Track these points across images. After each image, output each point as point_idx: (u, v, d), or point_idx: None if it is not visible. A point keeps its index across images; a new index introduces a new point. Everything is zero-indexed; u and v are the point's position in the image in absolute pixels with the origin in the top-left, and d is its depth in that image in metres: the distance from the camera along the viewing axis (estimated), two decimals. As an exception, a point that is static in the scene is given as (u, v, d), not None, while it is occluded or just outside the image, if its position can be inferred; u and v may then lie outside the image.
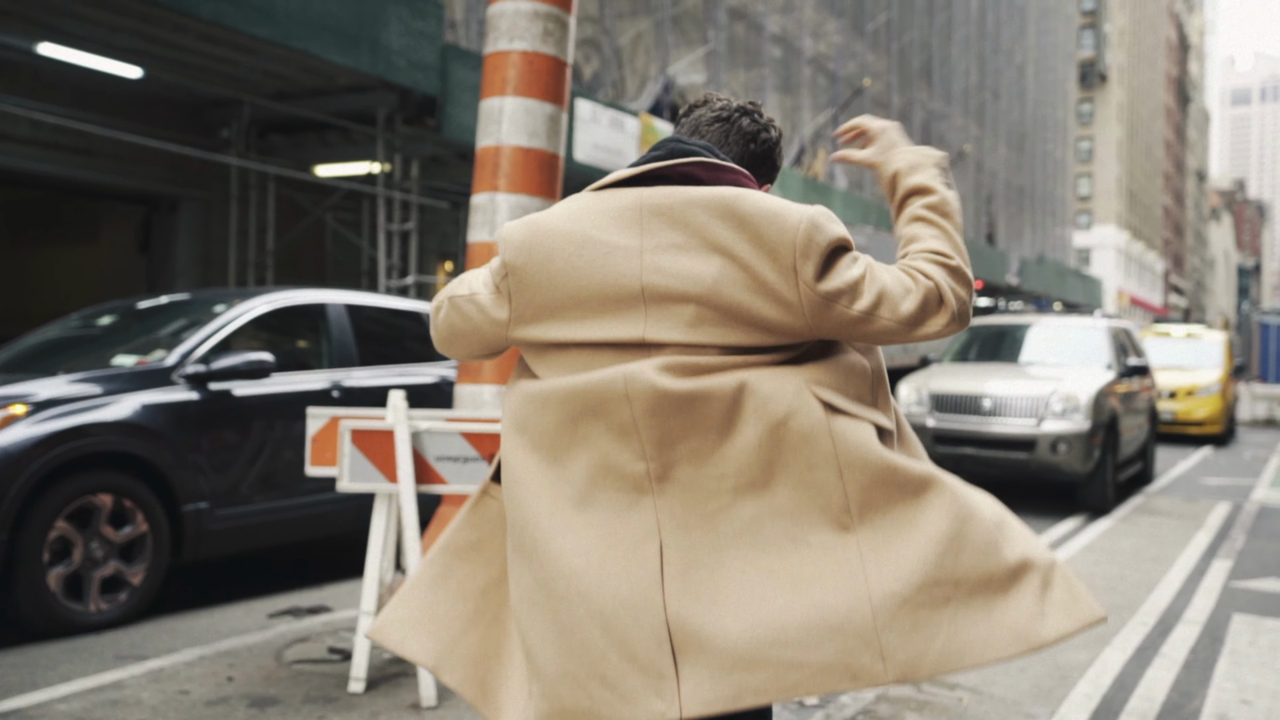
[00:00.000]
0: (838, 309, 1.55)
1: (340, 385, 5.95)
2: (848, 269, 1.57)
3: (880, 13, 31.46)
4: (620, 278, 1.58)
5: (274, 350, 5.81)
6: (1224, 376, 16.57)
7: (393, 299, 6.84)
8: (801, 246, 1.53)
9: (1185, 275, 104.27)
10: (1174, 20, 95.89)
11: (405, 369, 6.46)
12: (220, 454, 5.29)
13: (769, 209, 1.55)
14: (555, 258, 1.61)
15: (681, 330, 1.56)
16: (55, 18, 9.48)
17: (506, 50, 5.42)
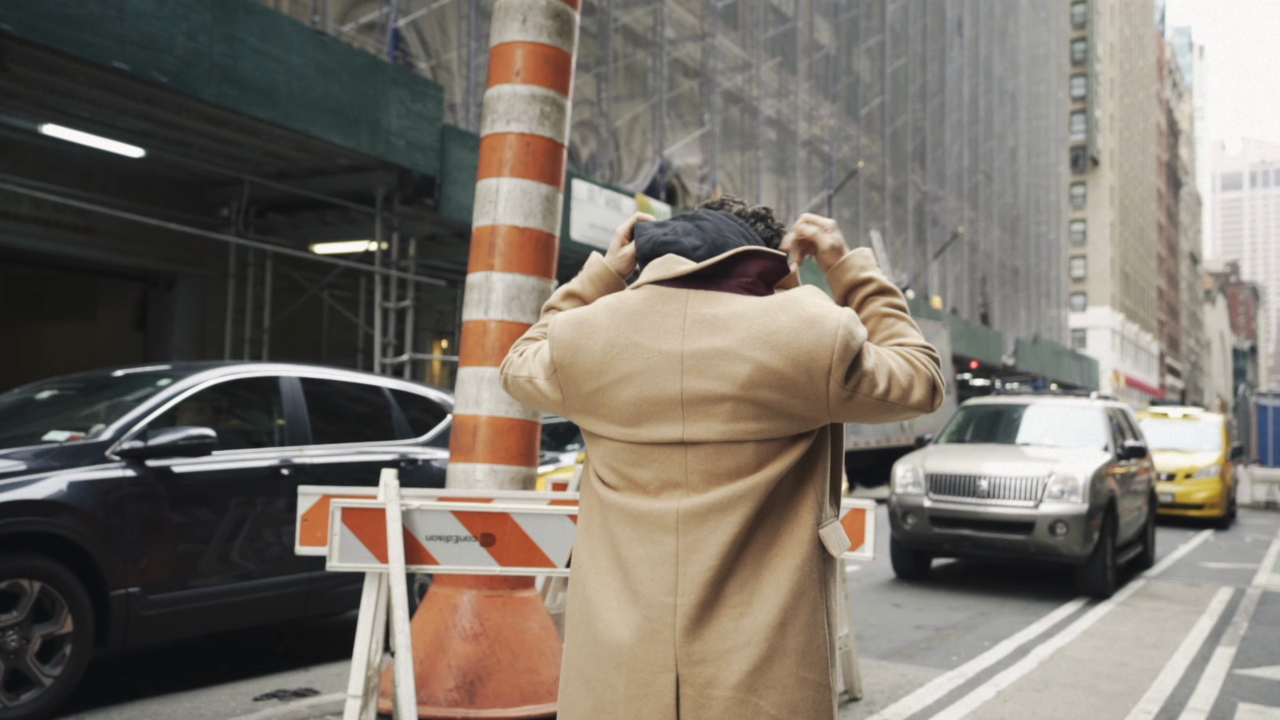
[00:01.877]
0: (859, 398, 1.71)
1: (290, 462, 5.63)
2: (867, 363, 1.72)
3: (874, 97, 32.05)
4: (661, 386, 1.72)
5: (222, 426, 5.58)
6: (1222, 459, 16.50)
7: (353, 373, 6.60)
8: (839, 354, 1.67)
9: (1181, 357, 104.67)
10: (1163, 106, 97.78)
11: (364, 446, 6.18)
12: (155, 535, 4.94)
13: (807, 317, 1.68)
14: (600, 362, 1.76)
15: (717, 426, 1.71)
16: (61, 100, 9.63)
17: (504, 132, 5.48)
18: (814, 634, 1.71)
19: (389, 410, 6.53)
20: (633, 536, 1.75)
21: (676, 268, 1.76)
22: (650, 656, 1.70)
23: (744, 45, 25.47)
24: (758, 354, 1.66)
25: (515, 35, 5.49)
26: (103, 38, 8.52)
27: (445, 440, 6.62)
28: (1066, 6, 62.34)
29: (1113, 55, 76.48)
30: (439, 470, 6.44)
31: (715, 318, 1.71)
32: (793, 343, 1.66)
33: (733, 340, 1.68)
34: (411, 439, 6.52)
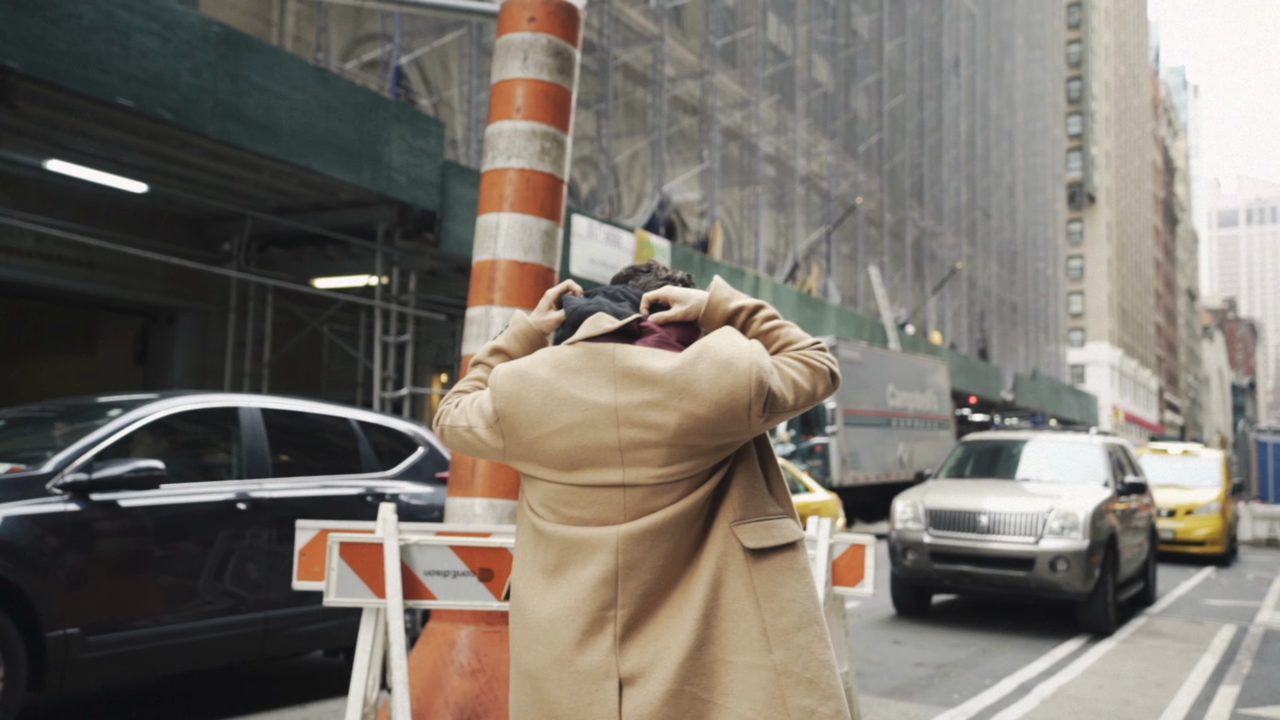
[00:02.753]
0: (774, 417, 1.93)
1: (248, 496, 5.41)
2: (775, 384, 1.93)
3: (871, 134, 32.28)
4: (599, 436, 1.89)
5: (178, 458, 5.39)
6: (1223, 495, 16.45)
7: (318, 404, 6.40)
8: (755, 391, 1.87)
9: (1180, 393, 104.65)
10: (1159, 144, 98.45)
11: (328, 479, 5.99)
12: (99, 572, 4.69)
13: (721, 361, 1.88)
14: (540, 412, 1.92)
15: (653, 471, 1.89)
16: (66, 136, 9.70)
17: (504, 168, 5.52)
18: (738, 619, 1.88)
19: (356, 442, 6.35)
20: (574, 560, 1.91)
21: (604, 324, 1.97)
22: (594, 666, 1.86)
23: (743, 83, 25.69)
24: (684, 404, 1.86)
25: (516, 73, 5.55)
26: (108, 75, 8.59)
27: (415, 473, 6.53)
28: (1062, 46, 62.95)
29: (1108, 94, 77.13)
30: (407, 505, 6.30)
31: (641, 370, 1.90)
32: (714, 388, 1.86)
33: (660, 393, 1.88)
34: (379, 472, 6.33)
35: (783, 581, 1.94)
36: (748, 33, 25.57)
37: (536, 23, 5.53)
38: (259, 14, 14.46)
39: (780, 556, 1.97)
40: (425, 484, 6.54)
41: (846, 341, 19.59)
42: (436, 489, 6.56)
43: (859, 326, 25.96)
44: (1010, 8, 47.49)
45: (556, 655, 1.89)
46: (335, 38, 15.42)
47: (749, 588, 1.90)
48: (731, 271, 20.08)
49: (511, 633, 2.01)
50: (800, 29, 27.85)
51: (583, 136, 20.01)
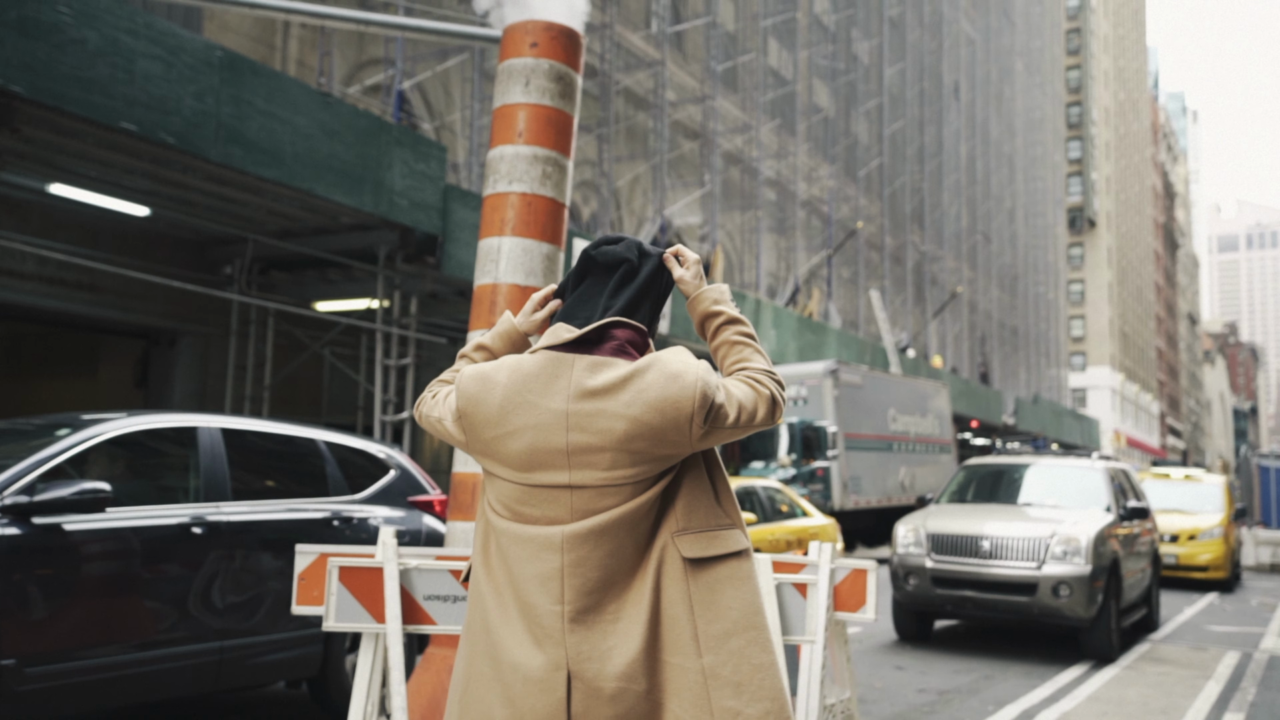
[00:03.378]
0: (714, 432, 2.04)
1: (204, 520, 5.17)
2: (719, 397, 2.04)
3: (872, 159, 32.40)
4: (550, 439, 2.02)
5: (130, 479, 5.20)
6: (1226, 520, 16.39)
7: (283, 425, 6.18)
8: (699, 403, 2.00)
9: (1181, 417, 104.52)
10: (1158, 169, 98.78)
11: (292, 503, 5.77)
12: (38, 600, 4.44)
13: (670, 373, 2.02)
14: (498, 413, 2.07)
15: (599, 474, 2.02)
16: (69, 160, 9.74)
17: (506, 192, 5.54)
18: (675, 624, 2.00)
19: (323, 464, 6.14)
20: (523, 556, 2.04)
21: (564, 335, 2.11)
22: (544, 657, 1.98)
23: (744, 107, 25.82)
24: (631, 411, 1.99)
25: (518, 98, 5.57)
26: (112, 99, 8.64)
27: (386, 497, 6.34)
28: (1061, 72, 63.28)
29: (1107, 119, 77.46)
30: (377, 528, 6.07)
31: (595, 379, 2.04)
32: (660, 398, 1.99)
33: (610, 401, 2.01)
34: (347, 495, 6.13)
35: (720, 590, 2.04)
36: (748, 58, 25.71)
37: (538, 48, 5.56)
38: (262, 39, 14.55)
39: (721, 566, 2.06)
40: (397, 508, 6.36)
41: (848, 366, 19.59)
42: (409, 513, 6.38)
43: (860, 350, 25.97)
44: (1010, 34, 47.78)
45: (511, 643, 2.02)
46: (338, 62, 15.51)
47: (684, 595, 2.02)
48: (733, 295, 20.11)
49: (469, 616, 2.13)
50: (801, 54, 28.01)
51: (584, 160, 20.09)
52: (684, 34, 24.06)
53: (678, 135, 23.47)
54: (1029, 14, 52.09)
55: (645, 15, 22.53)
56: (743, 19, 26.29)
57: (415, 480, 6.56)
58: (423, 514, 6.47)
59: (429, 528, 6.40)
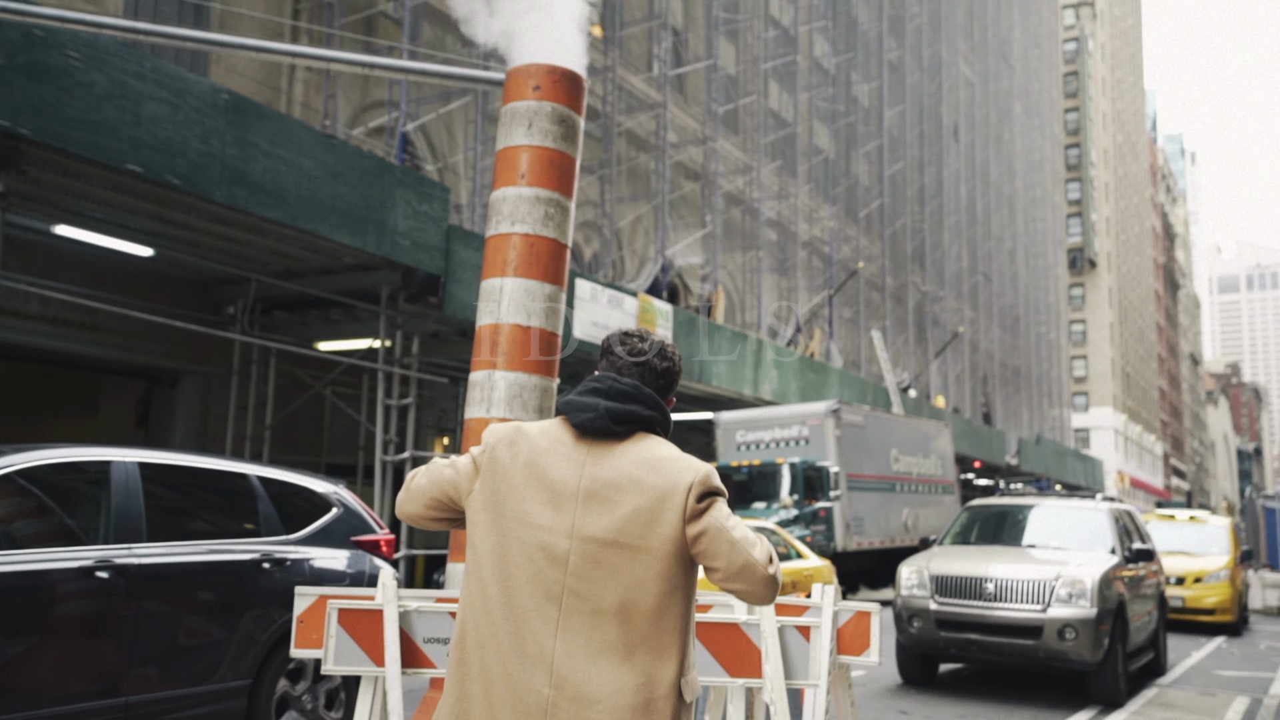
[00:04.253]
0: (705, 519, 2.23)
1: (111, 563, 4.77)
2: (723, 507, 2.26)
3: (873, 200, 32.57)
4: (557, 522, 2.22)
5: (31, 518, 4.90)
6: (1232, 562, 16.27)
7: (213, 459, 5.85)
8: (697, 493, 2.23)
9: (1185, 458, 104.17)
10: (1158, 210, 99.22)
11: (216, 544, 5.41)
12: None
13: (677, 461, 2.28)
14: (517, 475, 2.27)
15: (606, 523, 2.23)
16: (74, 201, 9.79)
17: (508, 233, 5.56)
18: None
19: (255, 502, 5.79)
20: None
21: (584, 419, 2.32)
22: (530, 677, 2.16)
23: (745, 149, 26.00)
24: (635, 499, 2.21)
25: (521, 140, 5.61)
26: (118, 142, 8.70)
27: (327, 536, 6.03)
28: (1060, 114, 63.78)
29: (1106, 161, 77.95)
30: (314, 570, 5.79)
31: (605, 478, 2.24)
32: (662, 489, 2.22)
33: (617, 491, 2.23)
34: (281, 535, 5.78)
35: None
36: (749, 100, 25.93)
37: (541, 91, 5.61)
38: (268, 82, 14.70)
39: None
40: (339, 548, 6.04)
41: (850, 406, 19.56)
42: (352, 554, 6.08)
43: (862, 390, 25.94)
44: (1008, 77, 48.21)
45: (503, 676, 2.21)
46: (343, 105, 15.65)
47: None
48: (734, 335, 20.13)
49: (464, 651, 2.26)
50: (801, 97, 28.25)
51: (586, 201, 20.20)
52: (685, 77, 24.28)
53: (679, 176, 23.62)
54: (1027, 57, 52.59)
55: (647, 58, 22.76)
56: (743, 62, 26.55)
57: (361, 519, 6.31)
58: (368, 555, 6.19)
59: (374, 569, 6.12)
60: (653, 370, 2.42)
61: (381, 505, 12.52)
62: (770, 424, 18.63)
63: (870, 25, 32.90)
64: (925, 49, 37.30)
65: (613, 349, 2.44)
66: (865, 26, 32.43)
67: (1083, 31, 74.45)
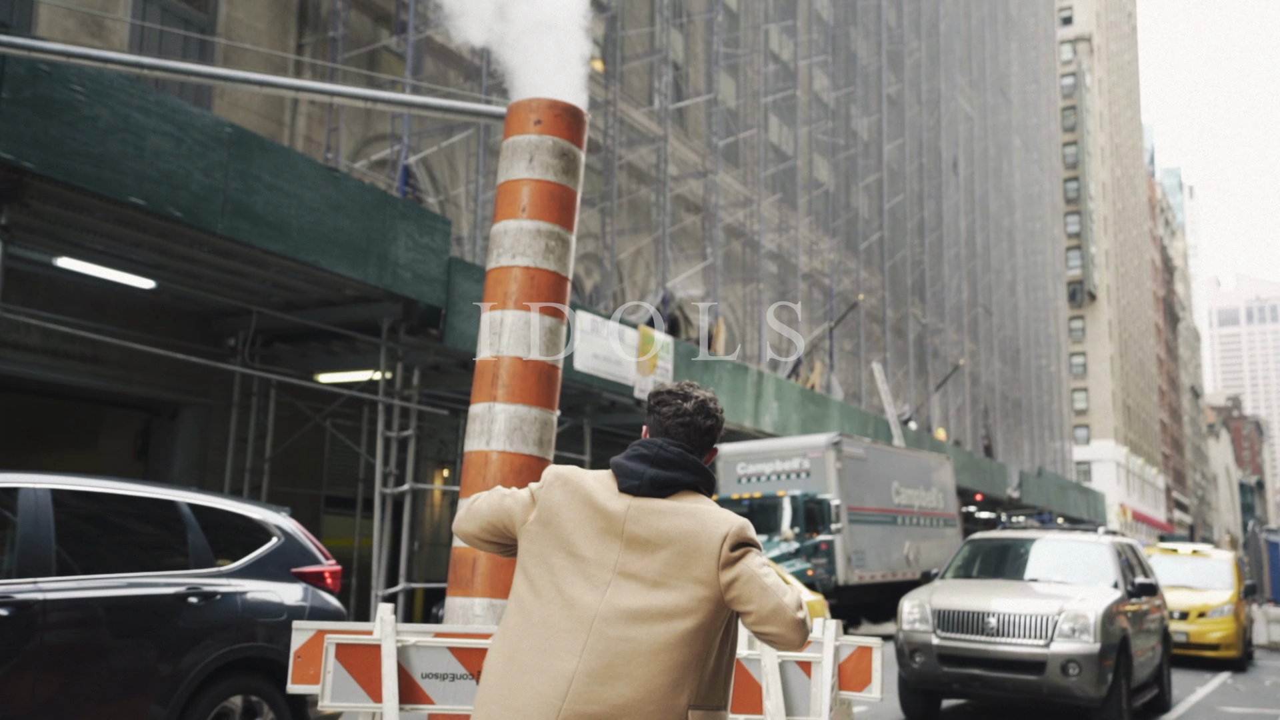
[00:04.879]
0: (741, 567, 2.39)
1: (11, 599, 4.42)
2: (756, 557, 2.43)
3: (873, 232, 32.70)
4: (603, 557, 2.43)
5: None
6: (1236, 597, 16.16)
7: (137, 485, 5.50)
8: (731, 543, 2.41)
9: (1188, 492, 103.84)
10: (1157, 243, 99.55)
11: (136, 577, 5.03)
12: None
13: (713, 516, 2.44)
14: (568, 514, 2.49)
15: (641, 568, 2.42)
16: (77, 234, 9.83)
17: (509, 266, 5.57)
18: None
19: (184, 531, 5.41)
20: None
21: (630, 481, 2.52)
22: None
23: (745, 182, 26.13)
24: (670, 550, 2.40)
25: (522, 173, 5.64)
26: (122, 175, 8.74)
27: (264, 568, 5.67)
28: (1058, 148, 64.14)
29: (1105, 194, 78.31)
30: (248, 604, 5.43)
31: (645, 529, 2.44)
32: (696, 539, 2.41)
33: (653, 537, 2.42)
34: (213, 567, 5.41)
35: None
36: (749, 134, 26.09)
37: (542, 125, 5.64)
38: (271, 115, 14.79)
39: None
40: (277, 580, 5.68)
41: (851, 438, 19.52)
42: (292, 586, 5.73)
43: (863, 423, 25.90)
44: (1006, 111, 48.53)
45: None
46: (345, 138, 15.74)
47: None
48: (735, 368, 20.13)
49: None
50: (801, 130, 28.42)
51: (587, 233, 20.27)
52: (686, 110, 24.44)
53: (680, 209, 23.72)
54: (1025, 92, 52.97)
55: (648, 92, 22.92)
56: (744, 96, 26.74)
57: (303, 549, 5.93)
58: (310, 588, 5.84)
59: (316, 603, 5.77)
60: (697, 428, 2.61)
61: (381, 538, 12.47)
62: (771, 456, 18.59)
63: (869, 60, 33.17)
64: (924, 83, 37.58)
65: (657, 409, 2.62)
66: (864, 61, 32.69)
67: (1080, 67, 75.03)
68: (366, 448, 13.94)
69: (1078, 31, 77.10)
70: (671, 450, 2.53)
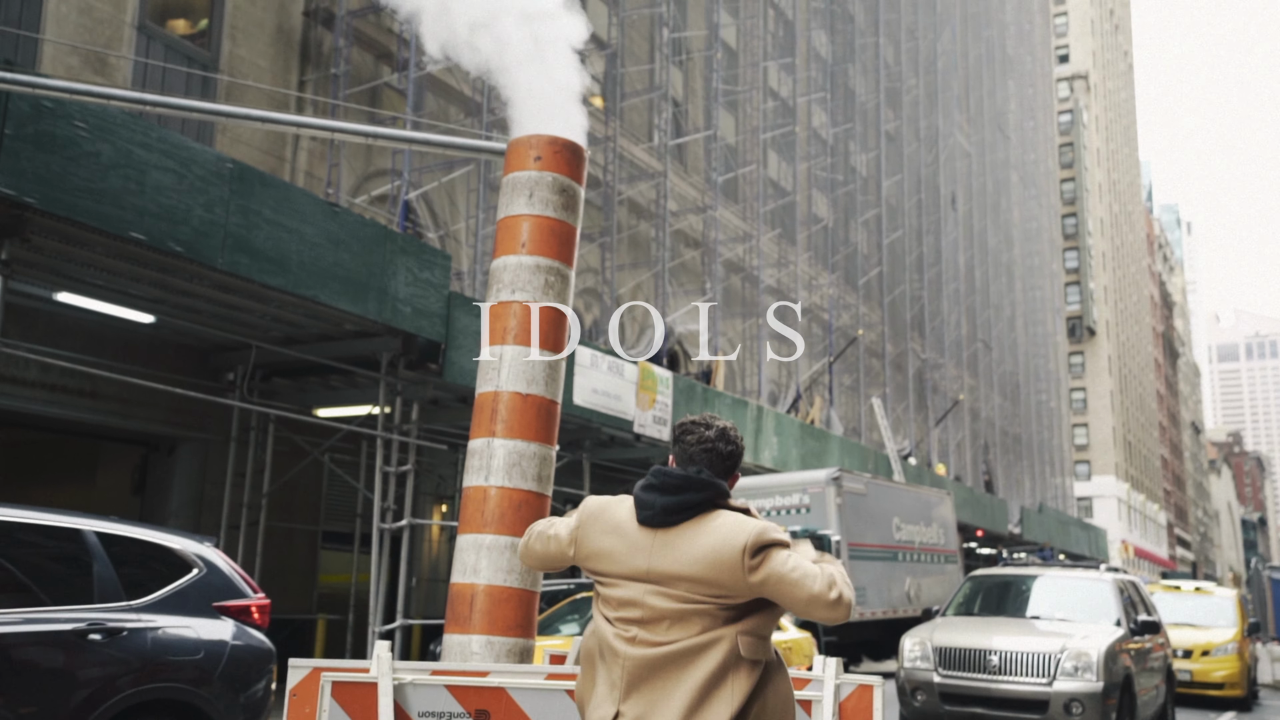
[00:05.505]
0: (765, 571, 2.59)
1: None
2: (779, 555, 2.61)
3: (872, 268, 32.80)
4: (635, 568, 2.70)
5: None
6: (1239, 635, 16.04)
7: (37, 512, 5.12)
8: (751, 550, 2.61)
9: (1190, 528, 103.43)
10: (1155, 279, 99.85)
11: (30, 612, 4.71)
12: None
13: (730, 528, 2.65)
14: (607, 537, 2.76)
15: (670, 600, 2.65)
16: (77, 268, 9.84)
17: (509, 301, 5.58)
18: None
19: (90, 562, 5.03)
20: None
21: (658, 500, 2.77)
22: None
23: (744, 217, 26.24)
24: (699, 556, 2.62)
25: (522, 209, 5.66)
26: (123, 210, 8.77)
27: (182, 602, 5.29)
28: (1056, 184, 64.49)
29: (1103, 230, 78.67)
30: (160, 641, 5.08)
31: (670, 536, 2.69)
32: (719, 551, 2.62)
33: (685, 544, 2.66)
34: (122, 601, 5.02)
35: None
36: (749, 169, 26.24)
37: (542, 161, 5.67)
38: (273, 151, 14.87)
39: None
40: (197, 615, 5.29)
41: (851, 473, 19.46)
42: (213, 622, 5.35)
43: (863, 458, 25.84)
44: (1004, 148, 48.84)
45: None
46: (346, 173, 15.82)
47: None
48: (734, 402, 20.10)
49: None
50: (800, 166, 28.59)
51: (587, 268, 20.32)
52: (685, 146, 24.59)
53: (679, 244, 23.80)
54: (1022, 129, 53.34)
55: (647, 128, 23.07)
56: (743, 132, 26.91)
57: (228, 582, 5.56)
58: (235, 623, 5.48)
59: (240, 640, 5.44)
60: (719, 454, 2.83)
61: (378, 573, 12.39)
62: (771, 492, 18.52)
63: (868, 97, 33.42)
64: (922, 120, 37.84)
65: (682, 438, 2.85)
66: (863, 98, 32.94)
67: (1076, 104, 75.63)
68: (365, 483, 13.89)
69: (1074, 69, 77.81)
70: (676, 475, 2.72)
